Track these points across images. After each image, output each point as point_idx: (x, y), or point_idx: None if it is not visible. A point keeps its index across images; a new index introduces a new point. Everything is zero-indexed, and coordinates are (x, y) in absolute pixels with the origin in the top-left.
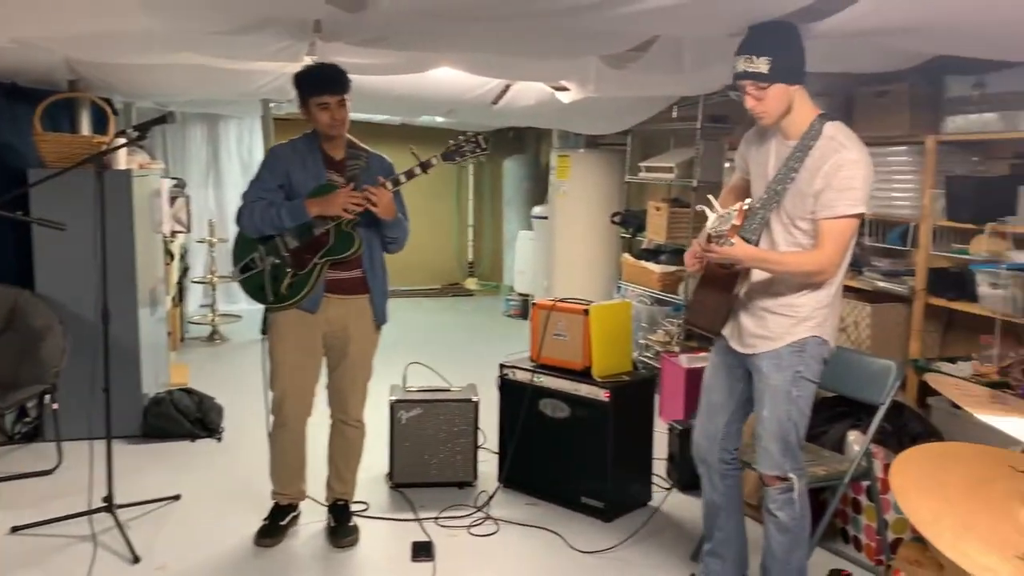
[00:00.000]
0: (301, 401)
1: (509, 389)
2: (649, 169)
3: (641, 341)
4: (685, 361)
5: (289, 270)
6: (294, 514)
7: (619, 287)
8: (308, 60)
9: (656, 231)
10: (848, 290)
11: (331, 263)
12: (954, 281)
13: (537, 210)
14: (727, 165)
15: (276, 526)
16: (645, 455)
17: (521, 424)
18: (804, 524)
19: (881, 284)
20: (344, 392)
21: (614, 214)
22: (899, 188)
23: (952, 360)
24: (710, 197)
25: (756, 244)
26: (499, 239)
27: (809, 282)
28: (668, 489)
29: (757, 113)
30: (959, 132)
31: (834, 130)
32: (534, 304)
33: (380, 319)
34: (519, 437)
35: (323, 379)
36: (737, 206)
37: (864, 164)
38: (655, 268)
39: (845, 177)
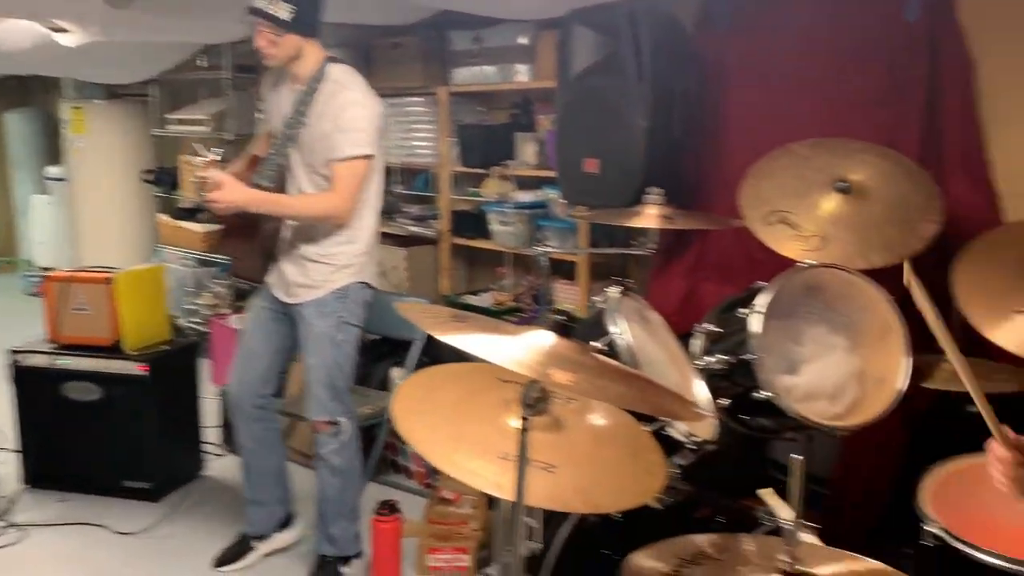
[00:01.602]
0: None
1: (25, 377)
2: (181, 122)
3: (187, 307)
4: (236, 322)
5: None
6: None
7: (157, 251)
8: None
9: (193, 188)
10: (384, 236)
11: None
12: (473, 221)
13: (52, 171)
14: (258, 115)
15: None
16: (193, 425)
17: (43, 414)
18: (356, 465)
19: (412, 228)
20: None
21: (145, 171)
22: (419, 137)
23: (476, 292)
24: (198, 145)
25: (275, 190)
26: (8, 206)
27: (332, 226)
28: (221, 456)
29: (265, 53)
30: (464, 84)
31: (339, 72)
32: (46, 277)
33: None
34: (43, 429)
35: None
36: (209, 155)
37: (368, 106)
38: (196, 227)
39: (349, 119)
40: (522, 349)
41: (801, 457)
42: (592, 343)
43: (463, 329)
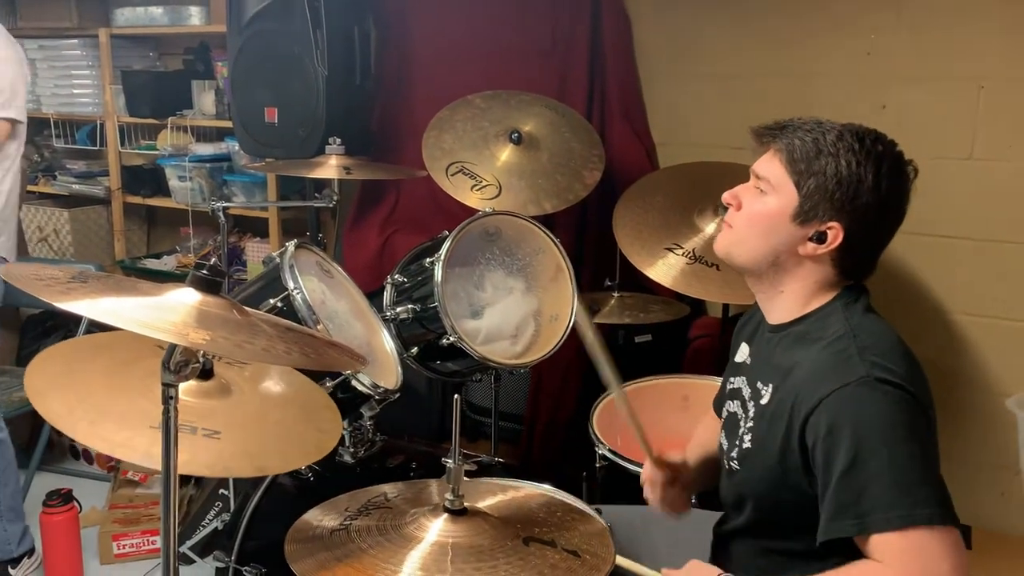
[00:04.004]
0: None
1: None
2: None
3: None
4: None
5: None
6: None
7: None
8: None
9: None
10: (43, 196)
11: None
12: (149, 177)
13: None
14: None
15: None
16: None
17: None
18: (6, 459)
19: (76, 187)
20: None
21: None
22: (79, 84)
23: (159, 256)
24: None
25: None
26: None
27: None
28: None
29: None
30: (128, 26)
31: None
32: None
33: None
34: None
35: None
36: None
37: (10, 62)
38: None
39: None
40: (158, 310)
41: (458, 396)
42: (268, 301)
43: (87, 293)
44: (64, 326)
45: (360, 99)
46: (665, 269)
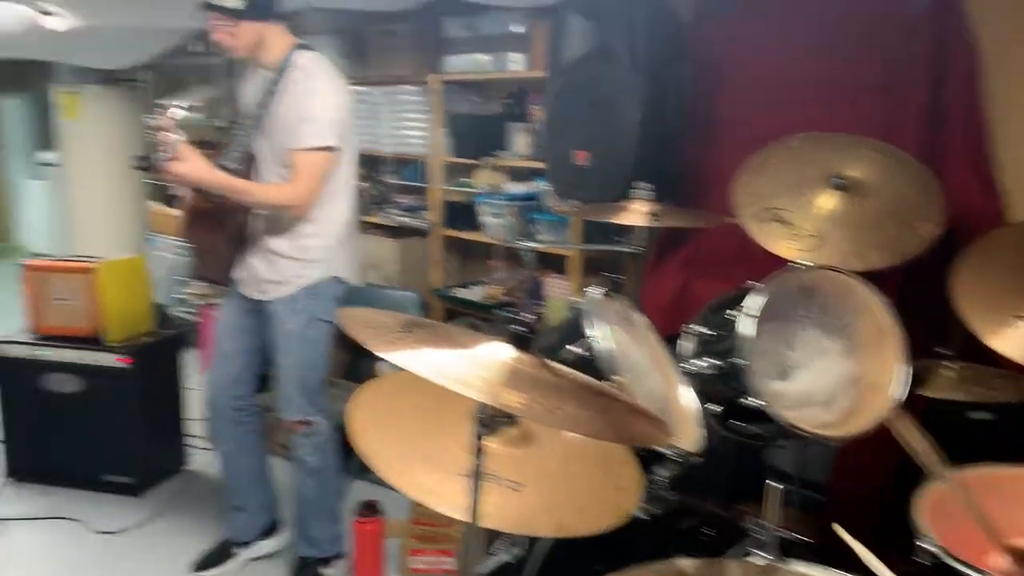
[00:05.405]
0: None
1: (6, 368)
2: None
3: (177, 296)
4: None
5: None
6: None
7: (149, 238)
8: None
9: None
10: (375, 227)
11: None
12: (464, 213)
13: (46, 156)
14: None
15: None
16: (175, 418)
17: (24, 406)
18: (332, 465)
19: (403, 220)
20: None
21: (135, 157)
22: (411, 127)
23: (467, 285)
24: (163, 101)
25: (241, 175)
26: (3, 191)
27: (297, 219)
28: (206, 450)
29: (225, 46)
30: (457, 72)
31: (306, 60)
32: (24, 267)
33: None
34: (24, 421)
35: None
36: (173, 110)
37: (332, 95)
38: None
39: (312, 107)
40: (474, 365)
41: (781, 486)
42: (568, 347)
43: (410, 344)
44: None
45: (669, 142)
46: (1016, 340)
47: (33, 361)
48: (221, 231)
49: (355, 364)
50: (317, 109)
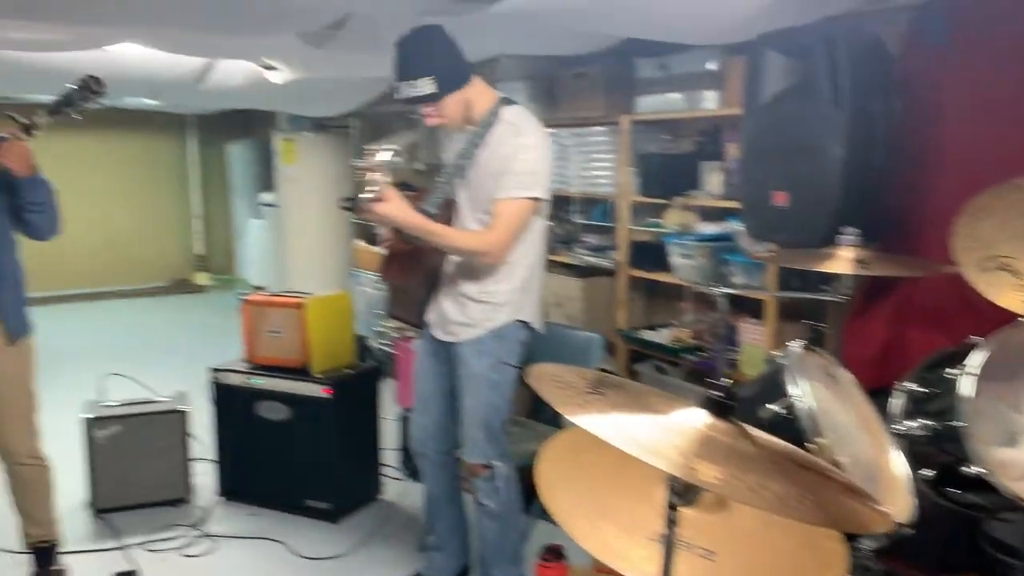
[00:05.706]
0: None
1: (223, 394)
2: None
3: (377, 328)
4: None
5: None
6: None
7: (353, 274)
8: None
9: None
10: (561, 266)
11: None
12: (652, 253)
13: (265, 197)
14: None
15: None
16: (372, 449)
17: (237, 430)
18: (513, 508)
19: (589, 259)
20: None
21: (342, 199)
22: (599, 167)
23: (654, 327)
24: (373, 145)
25: (440, 220)
26: (229, 229)
27: (490, 264)
28: (399, 480)
29: (441, 125)
30: (649, 112)
31: (512, 115)
32: (243, 300)
33: (16, 331)
34: (237, 445)
35: None
36: (382, 154)
37: (539, 148)
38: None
39: (521, 160)
40: (667, 432)
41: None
42: (767, 406)
43: (600, 406)
44: None
45: (878, 183)
46: None
47: (247, 389)
48: (417, 273)
49: (539, 403)
50: (527, 163)
